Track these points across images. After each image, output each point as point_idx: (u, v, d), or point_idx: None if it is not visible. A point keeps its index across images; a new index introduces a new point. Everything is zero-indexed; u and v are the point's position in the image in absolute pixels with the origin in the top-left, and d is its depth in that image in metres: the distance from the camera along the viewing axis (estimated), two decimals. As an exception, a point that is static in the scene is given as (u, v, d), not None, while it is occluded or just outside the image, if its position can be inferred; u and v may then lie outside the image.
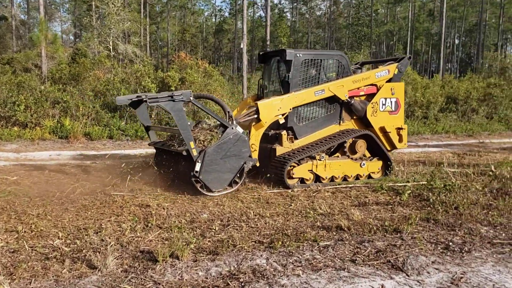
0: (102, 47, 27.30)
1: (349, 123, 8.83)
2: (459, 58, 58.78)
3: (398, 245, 4.84)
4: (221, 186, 7.22)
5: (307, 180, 8.03)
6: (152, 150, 12.17)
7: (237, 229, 5.39)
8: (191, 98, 7.04)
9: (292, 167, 7.84)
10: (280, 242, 4.80)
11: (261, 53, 9.44)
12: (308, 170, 8.01)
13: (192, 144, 6.87)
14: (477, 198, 6.83)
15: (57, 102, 14.99)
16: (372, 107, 8.72)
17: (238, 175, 7.39)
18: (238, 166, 7.30)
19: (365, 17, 49.48)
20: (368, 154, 8.80)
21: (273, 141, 8.31)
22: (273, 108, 7.85)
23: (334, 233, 5.26)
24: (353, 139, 8.55)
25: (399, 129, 9.02)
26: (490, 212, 6.16)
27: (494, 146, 15.77)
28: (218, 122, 7.51)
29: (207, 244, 4.82)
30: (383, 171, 8.83)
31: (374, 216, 6.08)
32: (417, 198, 7.08)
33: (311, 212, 6.19)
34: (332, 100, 8.52)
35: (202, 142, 7.26)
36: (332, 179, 8.24)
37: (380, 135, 8.90)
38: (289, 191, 7.56)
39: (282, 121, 8.02)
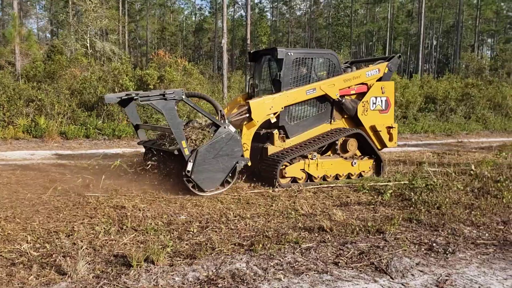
0: (79, 45, 26.74)
1: (340, 122, 8.80)
2: (436, 58, 59.61)
3: (381, 247, 4.73)
4: (213, 186, 7.05)
5: (299, 179, 7.95)
6: (130, 150, 11.93)
7: (216, 231, 5.20)
8: (183, 97, 6.85)
9: (284, 166, 7.73)
10: (260, 245, 4.63)
11: (251, 51, 9.33)
12: (300, 169, 7.92)
13: (184, 143, 6.69)
14: (459, 198, 6.79)
15: (31, 100, 14.56)
16: (363, 106, 8.71)
17: (230, 175, 7.24)
18: (231, 165, 7.14)
19: (344, 17, 49.83)
20: (359, 153, 8.76)
21: (264, 140, 8.20)
22: (265, 107, 7.75)
23: (316, 235, 5.12)
24: (345, 138, 8.50)
25: (389, 128, 9.02)
26: (472, 212, 6.11)
27: (472, 145, 15.94)
28: (210, 121, 7.33)
29: (184, 247, 4.62)
30: (373, 170, 8.79)
31: (357, 216, 5.97)
32: (399, 198, 7.01)
33: (292, 212, 6.05)
34: (323, 99, 8.48)
35: (193, 141, 7.07)
36: (324, 178, 8.18)
37: (371, 134, 8.89)
38: (270, 191, 7.41)
39: (273, 120, 7.93)
